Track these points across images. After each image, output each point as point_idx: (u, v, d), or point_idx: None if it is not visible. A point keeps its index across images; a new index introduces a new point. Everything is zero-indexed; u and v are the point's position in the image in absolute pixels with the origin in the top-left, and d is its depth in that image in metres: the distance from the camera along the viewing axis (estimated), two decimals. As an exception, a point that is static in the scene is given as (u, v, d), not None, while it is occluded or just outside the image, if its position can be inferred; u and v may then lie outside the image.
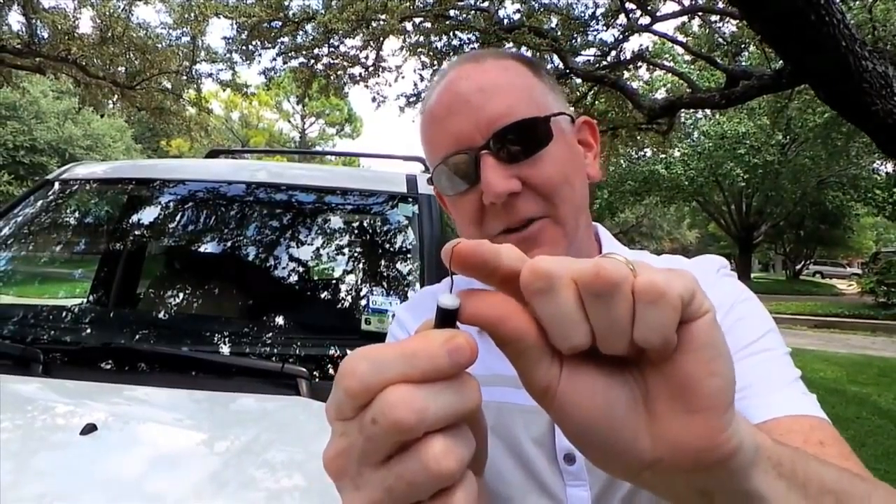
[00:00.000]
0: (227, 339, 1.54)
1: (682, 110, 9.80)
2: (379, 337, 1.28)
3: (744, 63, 9.03)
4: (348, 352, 1.49)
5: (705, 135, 19.21)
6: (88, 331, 1.64)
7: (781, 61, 6.09)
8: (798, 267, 31.78)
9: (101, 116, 17.84)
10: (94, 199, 2.42)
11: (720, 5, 7.84)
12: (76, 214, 2.33)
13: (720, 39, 8.71)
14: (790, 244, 29.81)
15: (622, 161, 18.25)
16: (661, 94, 13.02)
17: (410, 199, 1.90)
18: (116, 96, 9.49)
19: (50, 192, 2.13)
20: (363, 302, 1.68)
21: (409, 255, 1.82)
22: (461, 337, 0.29)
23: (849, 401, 6.21)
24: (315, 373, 1.38)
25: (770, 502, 0.33)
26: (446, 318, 0.30)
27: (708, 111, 16.15)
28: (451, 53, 8.87)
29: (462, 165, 0.64)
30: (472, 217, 0.66)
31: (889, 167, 17.41)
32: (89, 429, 1.03)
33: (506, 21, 8.12)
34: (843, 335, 11.95)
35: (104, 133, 26.20)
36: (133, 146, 29.06)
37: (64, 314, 1.70)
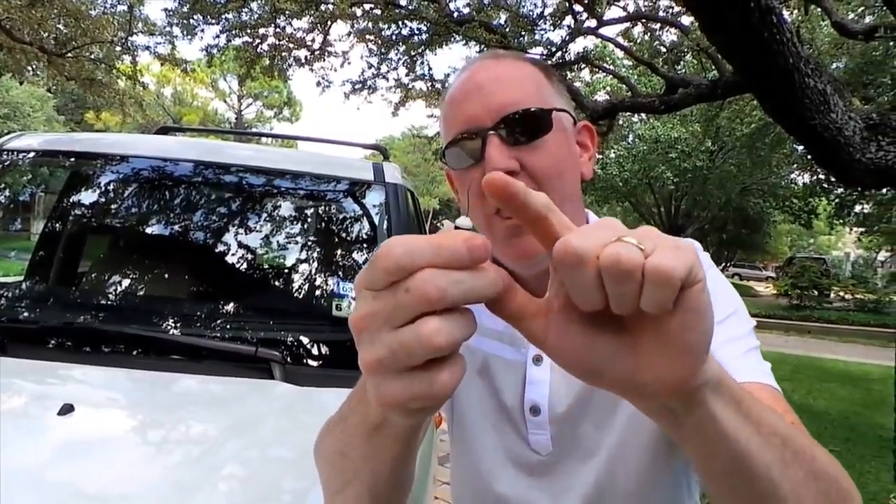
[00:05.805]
0: (199, 323, 1.51)
1: (621, 113, 10.10)
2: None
3: (681, 71, 9.40)
4: (317, 337, 1.48)
5: (640, 138, 19.84)
6: (49, 310, 1.57)
7: (716, 72, 6.42)
8: (720, 268, 33.29)
9: (21, 83, 16.73)
10: (32, 174, 2.30)
11: (662, 14, 8.15)
12: (9, 191, 2.21)
13: (661, 47, 9.03)
14: (714, 246, 31.28)
15: (560, 160, 18.57)
16: (601, 97, 13.38)
17: (377, 187, 1.91)
18: (42, 63, 8.94)
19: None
20: (331, 288, 1.68)
21: (376, 243, 1.83)
22: (478, 238, 0.35)
23: (764, 395, 6.61)
24: (287, 357, 1.38)
25: (724, 425, 0.41)
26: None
27: (643, 115, 16.70)
28: (400, 42, 8.81)
29: (470, 144, 0.71)
30: (474, 191, 0.73)
31: (806, 177, 18.53)
32: (67, 409, 1.00)
33: (456, 14, 8.13)
34: (759, 334, 12.39)
35: (23, 101, 24.63)
36: (55, 117, 27.41)
37: (17, 292, 1.62)
